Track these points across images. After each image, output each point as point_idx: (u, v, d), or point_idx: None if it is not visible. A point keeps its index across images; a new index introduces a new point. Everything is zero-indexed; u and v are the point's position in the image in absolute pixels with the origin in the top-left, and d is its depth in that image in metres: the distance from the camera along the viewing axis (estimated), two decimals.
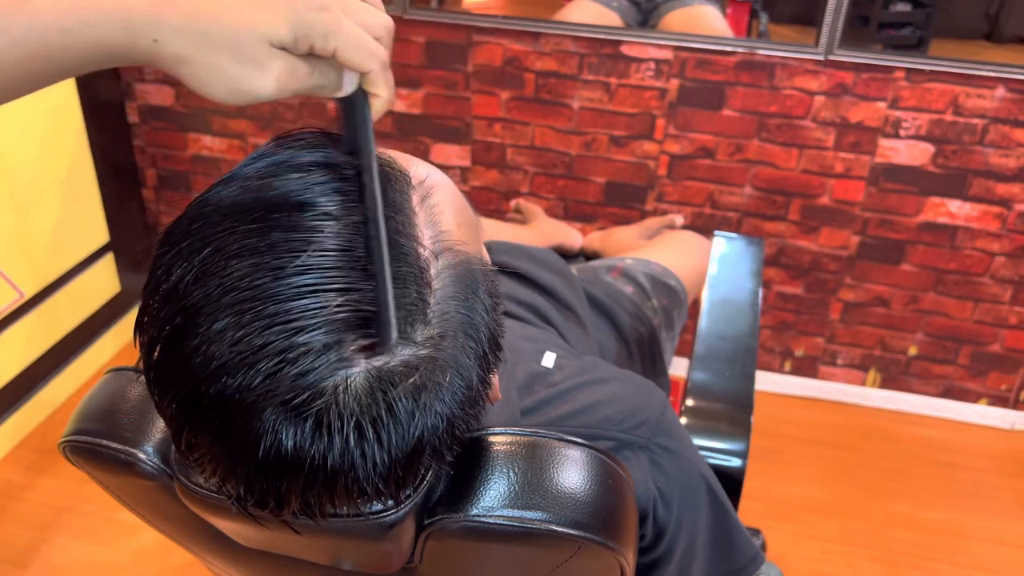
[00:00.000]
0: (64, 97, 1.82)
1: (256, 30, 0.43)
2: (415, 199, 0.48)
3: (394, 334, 0.43)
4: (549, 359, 0.76)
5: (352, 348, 0.42)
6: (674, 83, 1.77)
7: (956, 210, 1.78)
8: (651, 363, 1.22)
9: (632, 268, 1.29)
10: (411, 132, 1.95)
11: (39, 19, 0.42)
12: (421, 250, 0.46)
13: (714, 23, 1.79)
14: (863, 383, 2.03)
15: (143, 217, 2.19)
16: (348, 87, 0.48)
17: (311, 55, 0.45)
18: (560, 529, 0.55)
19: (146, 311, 0.46)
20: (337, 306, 0.42)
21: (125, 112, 2.07)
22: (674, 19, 1.79)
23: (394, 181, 0.48)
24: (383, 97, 0.49)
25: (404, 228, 0.46)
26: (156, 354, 0.45)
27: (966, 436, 1.96)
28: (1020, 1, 1.82)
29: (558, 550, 0.57)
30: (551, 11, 1.87)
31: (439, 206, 0.49)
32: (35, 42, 0.42)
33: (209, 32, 0.43)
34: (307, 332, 0.42)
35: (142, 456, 0.61)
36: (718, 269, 1.28)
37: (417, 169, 0.51)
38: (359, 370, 0.43)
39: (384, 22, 0.48)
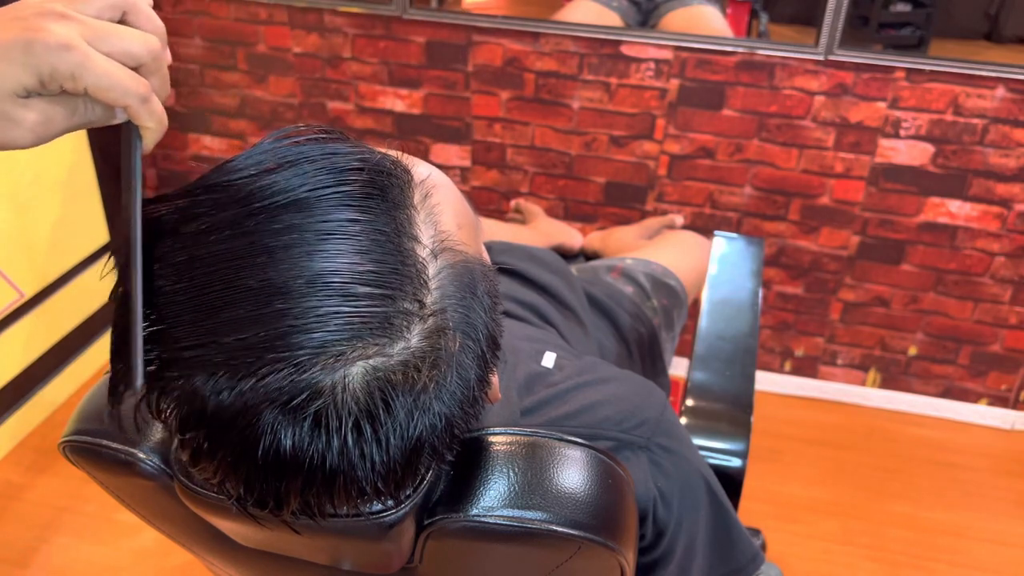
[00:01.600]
0: None
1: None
2: (416, 198, 0.48)
3: (139, 379, 0.43)
4: (549, 359, 0.76)
5: (351, 348, 0.42)
6: (674, 83, 1.77)
7: (956, 210, 1.78)
8: (651, 363, 1.22)
9: (632, 268, 1.29)
10: (411, 132, 1.95)
11: None
12: (420, 249, 0.46)
13: (714, 23, 1.79)
14: (863, 383, 2.03)
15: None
16: (120, 116, 0.46)
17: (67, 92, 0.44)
18: (560, 529, 0.55)
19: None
20: (336, 305, 0.42)
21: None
22: (674, 19, 1.79)
23: (395, 179, 0.48)
24: (150, 128, 0.47)
25: (404, 227, 0.46)
26: (152, 356, 0.45)
27: (966, 436, 1.96)
28: (1020, 1, 1.82)
29: (558, 550, 0.57)
30: (551, 11, 1.87)
31: (439, 206, 0.49)
32: None
33: None
34: (305, 332, 0.42)
35: (142, 456, 0.61)
36: (718, 269, 1.28)
37: (418, 169, 0.51)
38: (358, 370, 0.43)
39: (147, 46, 0.45)
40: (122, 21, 0.46)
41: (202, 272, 0.43)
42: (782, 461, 1.86)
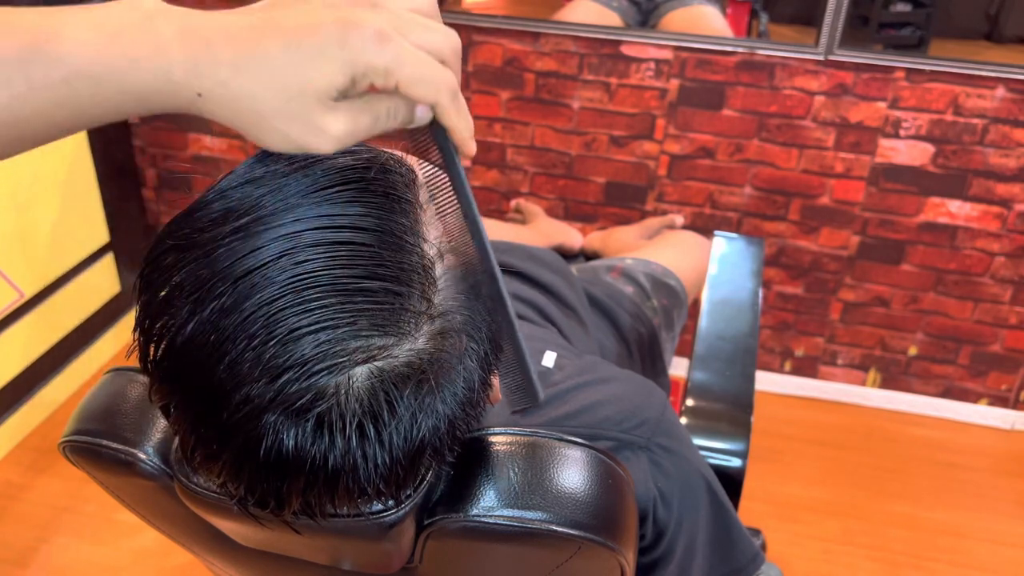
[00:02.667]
0: None
1: (307, 88, 0.39)
2: (422, 197, 0.48)
3: (540, 394, 0.45)
4: (550, 359, 0.76)
5: (357, 348, 0.42)
6: (674, 83, 1.77)
7: (956, 210, 1.78)
8: (651, 363, 1.22)
9: (632, 268, 1.29)
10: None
11: (64, 62, 0.37)
12: (428, 248, 0.46)
13: (714, 23, 1.79)
14: (863, 383, 2.03)
15: (143, 217, 2.19)
16: (421, 118, 0.43)
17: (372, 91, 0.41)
18: (560, 529, 0.55)
19: (147, 314, 0.45)
20: (341, 306, 0.42)
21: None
22: (674, 19, 1.79)
23: (402, 178, 0.48)
24: (459, 128, 0.43)
25: (412, 226, 0.46)
26: (158, 357, 0.45)
27: (966, 436, 1.96)
28: (1020, 1, 1.82)
29: (558, 550, 0.57)
30: (551, 11, 1.87)
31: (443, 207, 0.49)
32: (59, 89, 0.38)
33: (257, 88, 0.38)
34: (312, 332, 0.42)
35: (142, 456, 0.61)
36: (718, 269, 1.28)
37: (422, 169, 0.51)
38: (362, 371, 0.43)
39: (451, 42, 0.42)
40: None
41: (208, 273, 0.43)
42: (782, 461, 1.86)
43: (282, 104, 0.39)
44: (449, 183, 0.45)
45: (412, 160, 0.51)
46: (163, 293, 0.44)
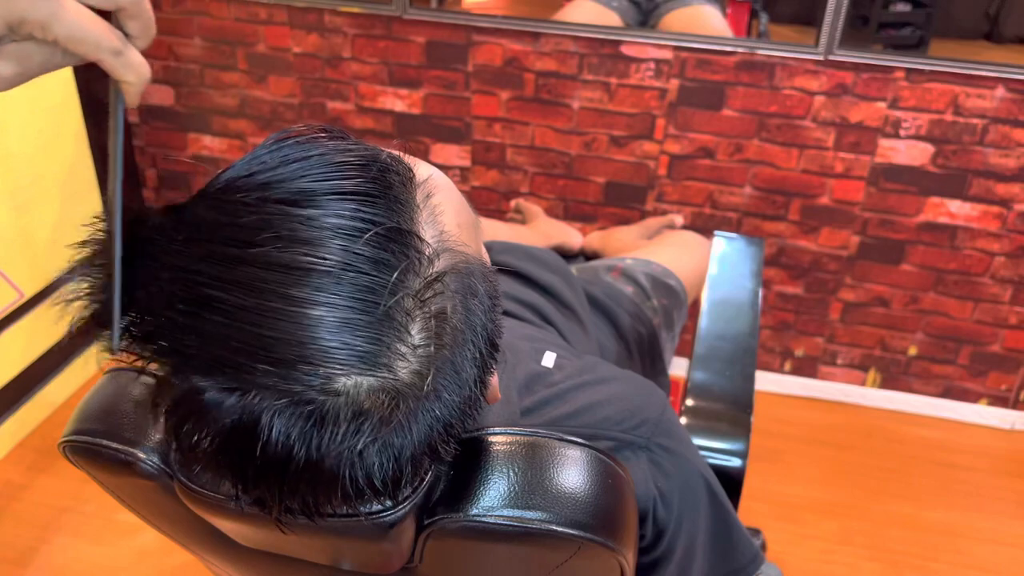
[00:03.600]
0: (64, 97, 1.82)
1: None
2: (418, 197, 0.48)
3: (116, 340, 0.43)
4: (549, 359, 0.76)
5: (353, 350, 0.42)
6: (674, 83, 1.77)
7: (956, 210, 1.78)
8: (651, 363, 1.22)
9: (632, 268, 1.29)
10: (411, 132, 1.95)
11: None
12: (425, 248, 0.46)
13: (714, 23, 1.79)
14: (863, 383, 2.03)
15: None
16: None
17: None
18: (560, 529, 0.55)
19: (144, 314, 0.45)
20: (338, 308, 0.42)
21: (125, 112, 2.06)
22: (674, 19, 1.79)
23: (399, 177, 0.48)
24: (130, 81, 0.44)
25: (408, 224, 0.46)
26: (158, 358, 0.45)
27: (966, 436, 1.96)
28: (1020, 1, 1.82)
29: (558, 550, 0.57)
30: (551, 11, 1.87)
31: (440, 206, 0.49)
32: None
33: None
34: (310, 331, 0.42)
35: (142, 456, 0.61)
36: (718, 269, 1.28)
37: (419, 169, 0.51)
38: (359, 370, 0.43)
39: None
40: None
41: (206, 277, 0.43)
42: (782, 461, 1.86)
43: None
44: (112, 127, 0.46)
45: (409, 159, 0.51)
46: (169, 298, 0.44)
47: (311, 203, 0.44)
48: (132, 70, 0.44)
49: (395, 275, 0.44)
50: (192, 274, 0.43)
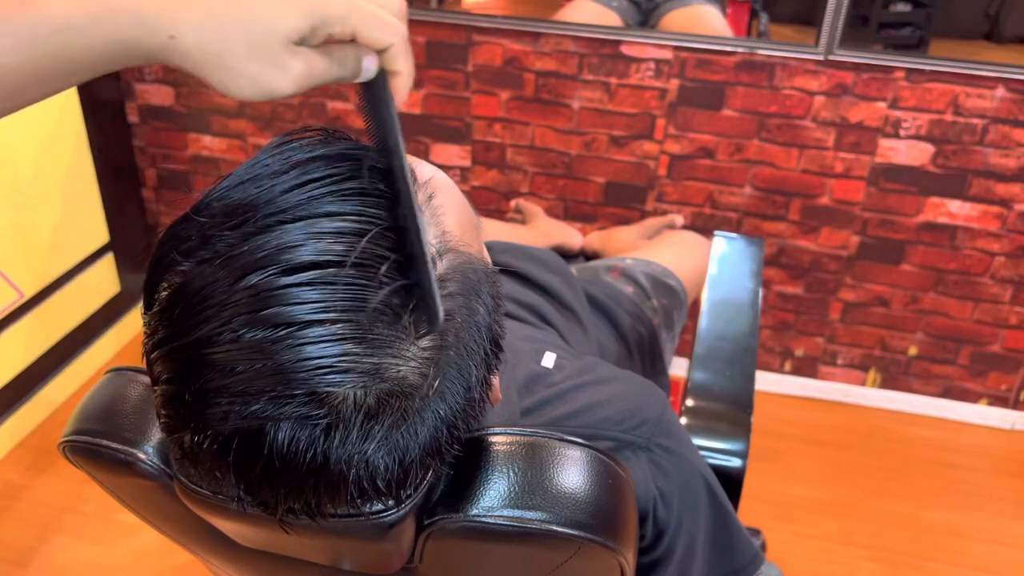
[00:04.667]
0: (64, 97, 1.82)
1: (276, 29, 0.43)
2: (420, 198, 0.48)
3: (441, 315, 0.44)
4: (549, 359, 0.76)
5: (359, 356, 0.42)
6: (674, 83, 1.77)
7: (956, 210, 1.78)
8: (651, 363, 1.22)
9: (632, 268, 1.29)
10: (411, 132, 1.95)
11: (45, 15, 0.41)
12: (428, 248, 0.46)
13: (714, 23, 1.79)
14: (863, 383, 2.03)
15: (143, 217, 2.19)
16: (368, 71, 0.47)
17: (328, 42, 0.45)
18: (560, 529, 0.55)
19: (152, 319, 0.45)
20: (344, 310, 0.42)
21: (125, 112, 2.07)
22: (674, 19, 1.79)
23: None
24: (404, 72, 0.48)
25: (411, 224, 0.46)
26: (165, 361, 0.45)
27: (966, 436, 1.96)
28: (1020, 1, 1.82)
29: (558, 550, 0.57)
30: (551, 11, 1.87)
31: (442, 207, 0.49)
32: (43, 40, 0.41)
33: (227, 30, 0.42)
34: (315, 333, 0.42)
35: (142, 456, 0.61)
36: (718, 269, 1.28)
37: (421, 169, 0.51)
38: (364, 370, 0.43)
39: (400, 4, 0.47)
40: None
41: (215, 281, 0.43)
42: (782, 461, 1.86)
43: (249, 46, 0.43)
44: (384, 133, 0.48)
45: (412, 160, 0.51)
46: (167, 300, 0.44)
47: (313, 208, 0.43)
48: (410, 61, 0.48)
49: (400, 277, 0.44)
50: (195, 284, 0.43)
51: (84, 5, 0.41)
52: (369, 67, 0.47)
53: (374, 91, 0.48)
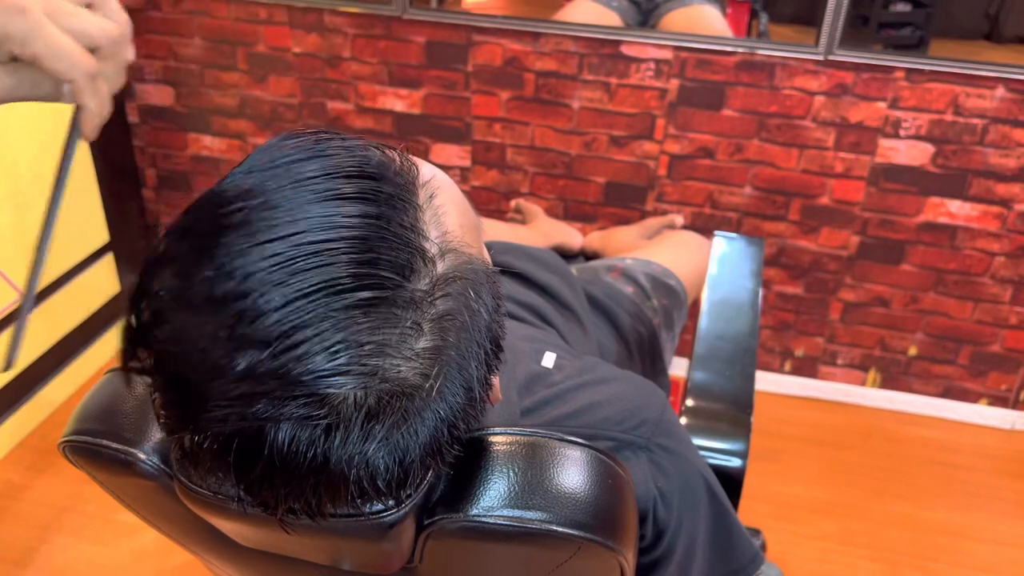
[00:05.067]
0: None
1: None
2: (421, 197, 0.48)
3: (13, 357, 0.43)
4: (549, 359, 0.76)
5: (359, 349, 0.42)
6: (674, 83, 1.77)
7: (956, 210, 1.78)
8: (651, 363, 1.22)
9: (632, 268, 1.29)
10: (411, 132, 1.95)
11: None
12: (430, 247, 0.46)
13: (714, 23, 1.79)
14: (863, 383, 2.03)
15: (143, 217, 2.19)
16: (68, 97, 0.46)
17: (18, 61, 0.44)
18: (560, 529, 0.55)
19: (147, 318, 0.45)
20: (344, 308, 0.42)
21: (125, 112, 2.07)
22: (674, 19, 1.79)
23: (402, 177, 0.48)
24: (90, 108, 0.46)
25: (414, 225, 0.46)
26: (161, 361, 0.45)
27: (966, 436, 1.96)
28: (1020, 1, 1.82)
29: (558, 550, 0.57)
30: (551, 11, 1.87)
31: (443, 207, 0.49)
32: None
33: None
34: (315, 331, 0.42)
35: (142, 456, 0.61)
36: (718, 269, 1.28)
37: (422, 169, 0.51)
38: (365, 371, 0.43)
39: (104, 30, 0.45)
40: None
41: (211, 280, 0.43)
42: (782, 461, 1.86)
43: None
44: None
45: (414, 159, 0.51)
46: (161, 301, 0.44)
47: (314, 207, 0.43)
48: (98, 97, 0.46)
49: (400, 279, 0.44)
50: (191, 284, 0.43)
51: None
52: (69, 93, 0.46)
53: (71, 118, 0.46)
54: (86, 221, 1.94)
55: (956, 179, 1.75)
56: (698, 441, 0.90)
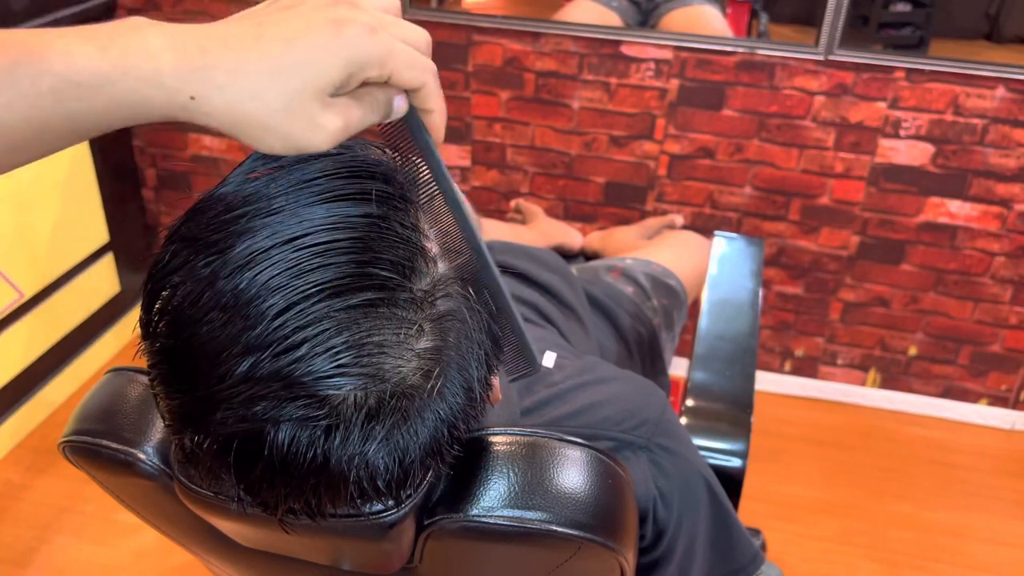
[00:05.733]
0: None
1: (309, 82, 0.39)
2: (422, 197, 0.48)
3: (539, 360, 0.46)
4: (549, 359, 0.76)
5: (360, 350, 0.42)
6: (674, 83, 1.77)
7: (956, 210, 1.78)
8: (651, 363, 1.22)
9: (632, 268, 1.29)
10: None
11: (45, 71, 0.37)
12: (431, 246, 0.46)
13: (714, 23, 1.79)
14: (863, 383, 2.03)
15: (143, 217, 2.19)
16: (399, 110, 0.45)
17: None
18: (560, 529, 0.55)
19: (151, 320, 0.45)
20: (345, 309, 0.42)
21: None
22: (674, 19, 1.79)
23: (402, 177, 0.48)
24: (437, 110, 0.46)
25: (415, 225, 0.46)
26: (164, 362, 0.45)
27: (966, 436, 1.96)
28: (1020, 1, 1.82)
29: (558, 550, 0.57)
30: (551, 11, 1.87)
31: (443, 207, 0.49)
32: (43, 99, 0.37)
33: (255, 87, 0.39)
34: (315, 332, 0.42)
35: (142, 456, 0.61)
36: (718, 269, 1.28)
37: (422, 169, 0.51)
38: (365, 372, 0.42)
39: (424, 36, 0.46)
40: None
41: (215, 281, 0.43)
42: (782, 461, 1.86)
43: (283, 103, 0.40)
44: (428, 172, 0.48)
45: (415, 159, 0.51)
46: (168, 300, 0.44)
47: (315, 209, 0.43)
48: (442, 99, 0.46)
49: (400, 279, 0.44)
50: (196, 285, 0.43)
51: (92, 60, 0.37)
52: (400, 106, 0.45)
53: (406, 130, 0.46)
54: (86, 221, 1.94)
55: (956, 179, 1.75)
56: (698, 441, 0.90)
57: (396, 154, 0.49)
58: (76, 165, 1.88)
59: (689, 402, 0.97)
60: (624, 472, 0.61)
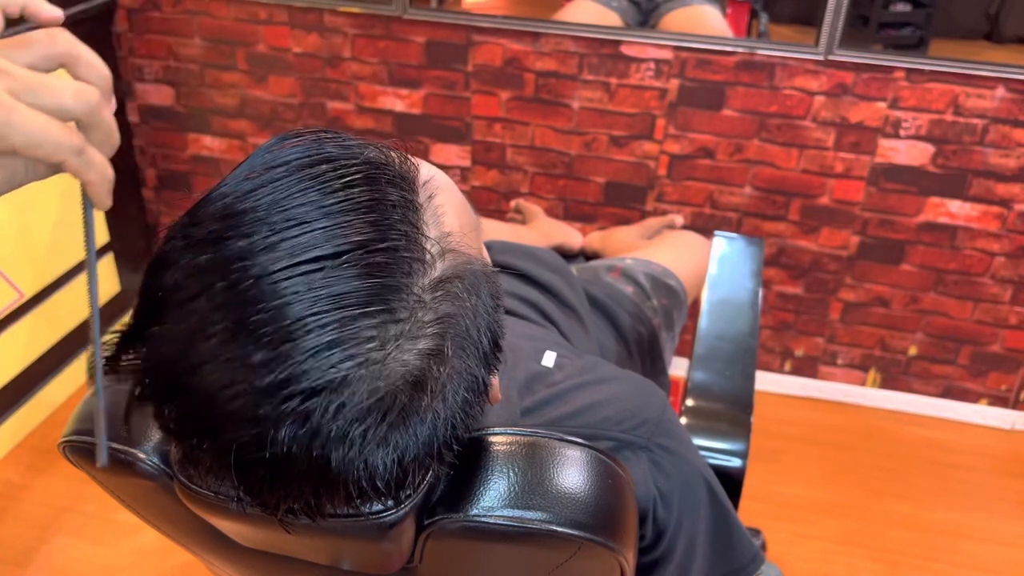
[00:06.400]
0: None
1: None
2: (421, 198, 0.48)
3: (102, 456, 0.43)
4: (549, 358, 0.75)
5: (358, 349, 0.42)
6: (674, 83, 1.77)
7: (956, 210, 1.78)
8: (651, 363, 1.22)
9: (632, 268, 1.29)
10: (411, 132, 1.95)
11: None
12: (431, 246, 0.46)
13: (714, 23, 1.79)
14: (863, 383, 2.03)
15: (143, 217, 2.19)
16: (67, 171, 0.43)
17: None
18: (560, 529, 0.55)
19: (143, 324, 0.45)
20: (344, 312, 0.42)
21: (125, 112, 2.07)
22: (674, 19, 1.79)
23: (402, 177, 0.48)
24: (92, 180, 0.42)
25: (415, 224, 0.46)
26: (157, 363, 0.45)
27: (966, 436, 1.96)
28: (1020, 1, 1.82)
29: (558, 550, 0.57)
30: (551, 11, 1.87)
31: (442, 207, 0.49)
32: None
33: None
34: (315, 333, 0.42)
35: (142, 456, 0.61)
36: (718, 269, 1.28)
37: (422, 169, 0.51)
38: (364, 372, 0.43)
39: (82, 99, 0.40)
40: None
41: (206, 281, 0.43)
42: (782, 461, 1.86)
43: None
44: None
45: (414, 159, 0.51)
46: (166, 302, 0.44)
47: (314, 210, 0.43)
48: (94, 169, 0.42)
49: (399, 279, 0.44)
50: (190, 291, 0.43)
51: None
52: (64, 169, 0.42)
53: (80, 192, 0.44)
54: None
55: (956, 179, 1.75)
56: (698, 441, 0.90)
57: (397, 154, 0.49)
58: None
59: (689, 402, 0.97)
60: (624, 472, 0.61)
